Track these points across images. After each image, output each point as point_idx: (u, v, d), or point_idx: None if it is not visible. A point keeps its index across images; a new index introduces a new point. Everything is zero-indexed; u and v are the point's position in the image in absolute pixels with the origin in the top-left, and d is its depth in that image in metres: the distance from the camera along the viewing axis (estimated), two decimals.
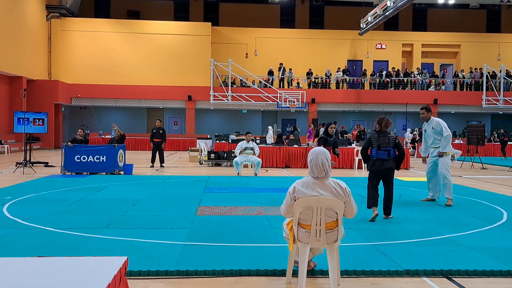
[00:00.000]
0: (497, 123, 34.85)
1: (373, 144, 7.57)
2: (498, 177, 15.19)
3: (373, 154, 7.56)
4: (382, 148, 7.45)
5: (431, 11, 36.73)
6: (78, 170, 13.76)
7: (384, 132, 7.55)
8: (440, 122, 9.03)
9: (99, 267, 2.84)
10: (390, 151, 7.44)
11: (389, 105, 31.83)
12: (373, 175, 7.58)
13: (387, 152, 7.43)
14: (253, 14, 35.24)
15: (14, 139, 24.94)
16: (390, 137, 7.52)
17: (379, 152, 7.47)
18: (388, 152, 7.43)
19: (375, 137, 7.57)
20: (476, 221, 7.38)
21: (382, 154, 7.44)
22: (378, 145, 7.50)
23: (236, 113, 33.30)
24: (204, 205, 8.51)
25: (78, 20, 31.49)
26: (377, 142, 7.52)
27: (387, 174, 7.50)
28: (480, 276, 4.71)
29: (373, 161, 7.56)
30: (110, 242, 5.73)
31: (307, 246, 4.17)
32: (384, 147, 7.45)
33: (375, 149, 7.53)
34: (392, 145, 7.47)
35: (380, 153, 7.46)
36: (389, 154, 7.43)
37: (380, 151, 7.46)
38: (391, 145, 7.47)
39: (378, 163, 7.47)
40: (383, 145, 7.45)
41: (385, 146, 7.45)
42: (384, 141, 7.48)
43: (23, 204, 8.35)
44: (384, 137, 7.51)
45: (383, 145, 7.46)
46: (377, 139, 7.55)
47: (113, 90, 30.69)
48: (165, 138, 16.95)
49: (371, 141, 7.61)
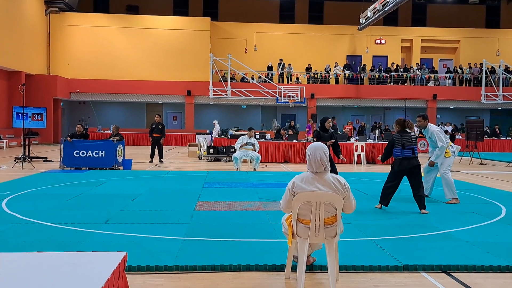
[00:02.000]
0: (496, 118, 34.86)
1: (396, 144, 7.90)
2: (497, 172, 15.20)
3: (397, 153, 7.88)
4: (407, 147, 7.82)
5: (430, 6, 36.66)
6: (77, 165, 13.75)
7: (406, 132, 7.92)
8: (435, 132, 8.75)
9: (98, 262, 2.84)
10: (414, 149, 7.84)
11: (388, 100, 31.80)
12: (399, 174, 7.93)
13: (411, 150, 7.81)
14: (253, 9, 35.15)
15: (13, 134, 24.92)
16: (412, 136, 7.89)
17: (404, 151, 7.83)
18: (412, 150, 7.82)
19: (398, 137, 7.93)
20: (474, 216, 7.39)
21: (407, 153, 7.81)
22: (402, 144, 7.85)
23: (235, 108, 33.28)
24: (203, 200, 8.51)
25: (77, 15, 31.40)
26: (400, 142, 7.87)
27: (414, 172, 7.84)
28: (479, 271, 4.72)
29: (399, 160, 7.90)
30: (109, 237, 5.73)
31: (306, 241, 4.17)
32: (408, 146, 7.82)
33: (399, 148, 7.86)
34: (415, 143, 7.90)
35: (405, 151, 7.82)
36: (413, 152, 7.82)
37: (405, 150, 7.82)
38: (414, 143, 7.88)
39: (405, 162, 7.82)
40: (407, 144, 7.82)
41: (409, 145, 7.82)
42: (407, 140, 7.84)
43: (22, 199, 8.34)
44: (407, 136, 7.87)
45: (407, 144, 7.83)
46: (400, 139, 7.90)
47: (112, 85, 30.64)
48: (164, 133, 16.94)
49: (394, 141, 7.95)
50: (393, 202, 8.67)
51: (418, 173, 7.86)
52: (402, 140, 7.85)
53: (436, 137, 8.68)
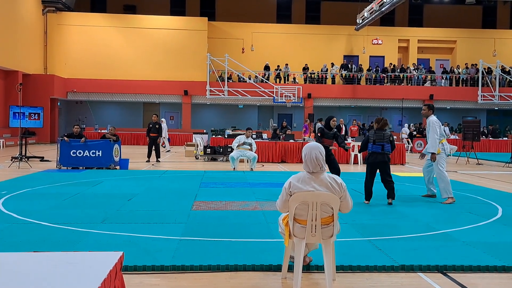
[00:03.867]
0: (492, 118, 34.95)
1: (370, 140, 8.51)
2: (493, 172, 15.24)
3: (369, 148, 8.53)
4: (377, 143, 8.43)
5: (427, 6, 36.73)
6: (74, 165, 13.73)
7: (381, 130, 8.51)
8: (432, 122, 8.77)
9: (95, 262, 2.84)
10: (384, 146, 8.40)
11: (385, 101, 31.85)
12: (369, 167, 8.55)
13: (380, 146, 8.39)
14: (250, 9, 35.16)
15: (10, 134, 24.85)
16: (385, 134, 8.46)
17: (373, 146, 8.46)
18: (382, 146, 8.39)
19: (372, 134, 8.56)
20: (471, 216, 7.41)
21: (376, 148, 8.42)
22: (373, 140, 8.48)
23: (232, 108, 33.28)
24: (200, 200, 8.51)
25: (74, 14, 31.33)
26: (373, 138, 8.50)
27: (381, 167, 8.48)
28: (475, 272, 4.73)
29: (368, 154, 8.55)
30: (105, 237, 5.73)
31: (303, 241, 4.18)
32: (378, 142, 8.41)
33: (371, 144, 8.52)
34: (387, 141, 8.43)
35: (375, 147, 8.44)
36: (382, 148, 8.40)
37: (375, 145, 8.44)
38: (385, 140, 8.43)
39: (373, 156, 8.48)
40: (378, 140, 8.43)
41: (379, 141, 8.41)
42: (379, 137, 8.44)
43: (19, 199, 8.33)
44: (380, 133, 8.47)
45: (377, 140, 8.43)
46: (373, 135, 8.53)
47: (109, 84, 30.59)
48: (161, 133, 16.94)
49: (369, 137, 8.59)
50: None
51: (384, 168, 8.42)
52: (374, 136, 8.46)
53: (431, 127, 8.77)
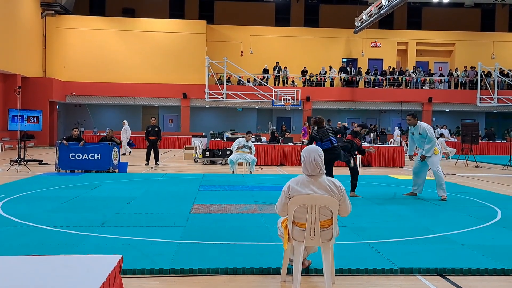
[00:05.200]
0: (491, 121, 34.97)
1: (316, 139, 8.82)
2: (492, 175, 15.24)
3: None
4: (324, 140, 8.70)
5: (425, 9, 36.78)
6: (73, 168, 13.71)
7: (321, 127, 8.82)
8: (427, 129, 9.33)
9: (94, 265, 2.83)
10: (331, 140, 8.69)
11: (384, 103, 31.85)
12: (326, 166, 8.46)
13: (329, 141, 8.68)
14: (248, 12, 35.19)
15: (9, 137, 24.83)
16: (327, 129, 8.82)
17: (322, 144, 8.63)
18: (330, 141, 8.68)
19: (315, 133, 8.86)
20: (470, 219, 7.41)
21: (325, 145, 8.61)
22: (320, 138, 8.75)
23: (231, 111, 33.27)
24: (199, 203, 8.50)
25: (73, 17, 31.33)
26: (318, 136, 8.78)
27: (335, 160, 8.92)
28: (474, 274, 4.73)
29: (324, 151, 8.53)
30: (104, 240, 5.72)
31: (302, 245, 4.18)
32: (325, 138, 8.72)
33: (319, 142, 8.71)
34: (331, 135, 8.78)
35: (324, 144, 8.62)
36: (331, 142, 8.68)
37: (323, 143, 8.66)
38: (330, 134, 8.76)
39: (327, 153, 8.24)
40: (324, 137, 8.72)
41: (325, 138, 8.71)
42: (323, 134, 8.77)
43: (17, 202, 8.32)
44: (322, 130, 8.81)
45: (323, 137, 8.73)
46: (317, 134, 8.84)
47: (108, 88, 30.58)
48: (160, 136, 16.93)
49: (314, 137, 8.87)
50: (389, 205, 8.70)
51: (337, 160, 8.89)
52: (319, 135, 8.72)
53: (428, 132, 9.26)
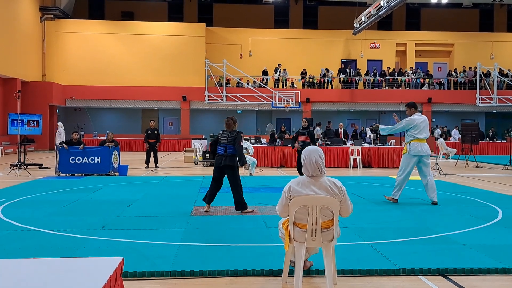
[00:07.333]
0: (491, 121, 34.98)
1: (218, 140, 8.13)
2: (492, 175, 15.23)
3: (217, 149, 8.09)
4: (221, 144, 7.98)
5: (424, 10, 36.81)
6: (73, 172, 13.71)
7: (226, 130, 8.07)
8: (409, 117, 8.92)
9: (95, 268, 2.83)
10: (227, 147, 7.90)
11: (383, 104, 31.83)
12: (214, 170, 8.09)
13: (224, 148, 7.92)
14: (247, 14, 35.21)
15: (9, 141, 24.82)
16: (230, 135, 7.98)
17: (218, 147, 8.02)
18: (225, 148, 7.91)
19: (220, 134, 8.13)
20: (471, 219, 7.40)
21: (220, 150, 7.96)
22: (219, 141, 8.06)
23: (230, 113, 33.03)
24: (200, 206, 8.49)
25: (72, 21, 31.34)
26: (220, 138, 8.08)
27: (226, 172, 7.97)
28: (476, 274, 4.72)
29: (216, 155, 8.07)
30: (105, 243, 5.71)
31: (303, 246, 4.17)
32: (222, 143, 7.98)
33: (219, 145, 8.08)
34: (231, 142, 7.92)
35: (219, 148, 7.99)
36: (225, 150, 7.90)
37: (219, 147, 8.00)
38: (229, 142, 7.93)
39: (218, 158, 7.99)
40: (222, 142, 7.99)
41: (223, 143, 7.96)
42: (223, 138, 8.01)
43: (18, 206, 8.31)
44: (225, 134, 8.02)
45: (222, 141, 8.00)
46: (220, 135, 8.11)
47: (107, 91, 30.58)
48: (159, 138, 16.92)
49: (217, 137, 8.17)
50: (389, 205, 8.69)
51: (229, 174, 7.94)
52: (221, 137, 8.03)
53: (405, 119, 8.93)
